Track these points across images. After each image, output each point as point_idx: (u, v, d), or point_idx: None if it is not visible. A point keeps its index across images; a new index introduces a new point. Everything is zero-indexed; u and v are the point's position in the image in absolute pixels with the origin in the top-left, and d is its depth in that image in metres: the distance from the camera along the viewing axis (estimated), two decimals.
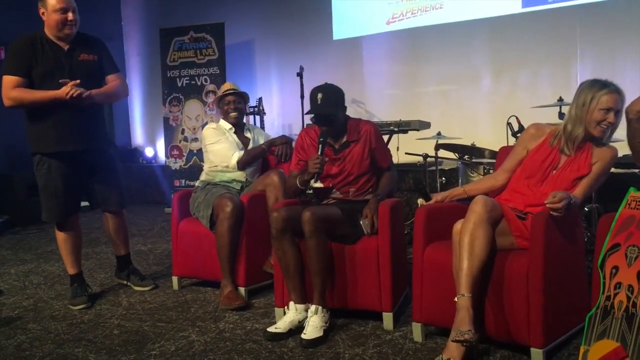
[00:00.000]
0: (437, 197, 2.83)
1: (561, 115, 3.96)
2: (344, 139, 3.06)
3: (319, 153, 2.94)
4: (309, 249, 2.80)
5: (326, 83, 3.08)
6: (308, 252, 2.82)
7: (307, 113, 3.05)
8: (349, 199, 3.07)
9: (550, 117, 3.84)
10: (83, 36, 3.39)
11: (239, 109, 3.79)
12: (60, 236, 3.47)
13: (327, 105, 2.97)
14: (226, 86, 3.85)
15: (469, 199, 2.62)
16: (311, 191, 2.93)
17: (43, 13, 3.25)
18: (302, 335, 2.70)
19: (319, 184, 2.92)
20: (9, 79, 3.18)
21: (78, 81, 3.18)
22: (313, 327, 2.72)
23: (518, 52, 5.78)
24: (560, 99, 4.07)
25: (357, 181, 3.07)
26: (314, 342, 2.68)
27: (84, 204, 3.56)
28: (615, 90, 2.51)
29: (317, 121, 3.00)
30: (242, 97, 3.84)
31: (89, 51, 3.37)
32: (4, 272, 4.34)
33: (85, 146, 3.36)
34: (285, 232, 2.87)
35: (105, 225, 3.68)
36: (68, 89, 3.13)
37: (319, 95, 2.96)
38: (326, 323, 2.79)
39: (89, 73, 3.32)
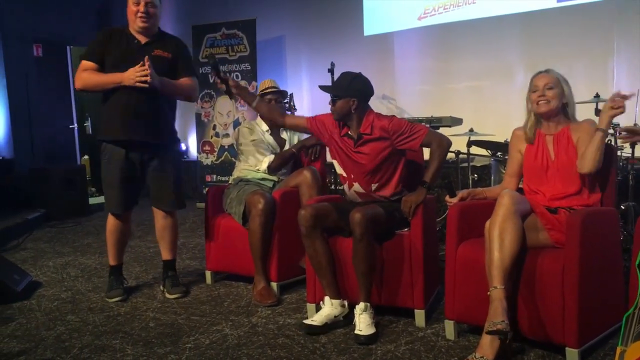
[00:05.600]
0: (462, 193, 2.85)
1: (597, 111, 3.89)
2: (359, 130, 3.02)
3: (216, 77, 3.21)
4: (358, 250, 2.78)
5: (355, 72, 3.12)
6: (357, 254, 2.80)
7: (319, 86, 3.15)
8: (387, 199, 3.04)
9: (586, 113, 3.76)
10: (165, 34, 3.48)
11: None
12: (111, 226, 3.48)
13: (335, 85, 3.10)
14: (266, 84, 3.82)
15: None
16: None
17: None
18: (357, 332, 2.70)
19: None
20: (82, 63, 3.33)
21: (148, 64, 3.21)
22: (366, 325, 2.72)
23: (552, 47, 5.67)
24: (597, 95, 4.00)
25: (375, 176, 3.02)
26: (372, 338, 2.69)
27: None
28: (544, 71, 2.74)
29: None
30: (282, 95, 3.86)
31: (165, 48, 3.39)
32: (42, 264, 4.46)
33: (149, 138, 3.35)
34: (315, 230, 2.90)
35: (155, 224, 3.60)
36: (136, 72, 3.19)
37: (338, 77, 3.09)
38: (374, 319, 2.80)
39: (160, 68, 3.30)
